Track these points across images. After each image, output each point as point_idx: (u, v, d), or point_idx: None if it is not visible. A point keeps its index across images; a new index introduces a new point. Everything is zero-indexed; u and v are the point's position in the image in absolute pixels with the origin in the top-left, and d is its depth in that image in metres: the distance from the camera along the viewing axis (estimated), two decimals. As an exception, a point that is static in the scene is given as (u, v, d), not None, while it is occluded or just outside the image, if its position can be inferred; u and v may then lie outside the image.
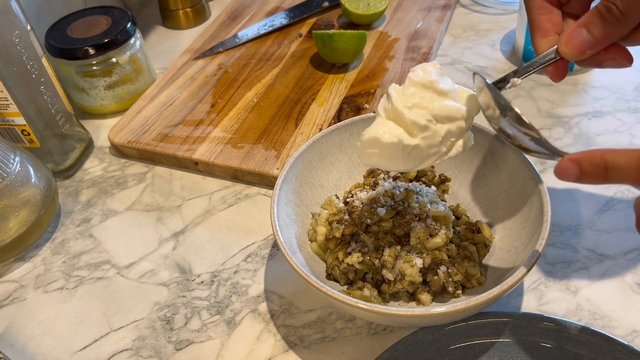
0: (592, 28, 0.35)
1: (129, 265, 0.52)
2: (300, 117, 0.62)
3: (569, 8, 0.40)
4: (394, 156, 0.39)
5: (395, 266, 0.43)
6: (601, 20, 0.35)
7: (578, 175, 0.32)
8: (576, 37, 0.36)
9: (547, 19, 0.39)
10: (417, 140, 0.38)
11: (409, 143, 0.38)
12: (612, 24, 0.35)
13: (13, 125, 0.56)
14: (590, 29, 0.35)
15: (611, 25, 0.35)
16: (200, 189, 0.59)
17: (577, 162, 0.32)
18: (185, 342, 0.46)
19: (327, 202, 0.50)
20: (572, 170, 0.32)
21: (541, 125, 0.60)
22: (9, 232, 0.51)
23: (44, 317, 0.49)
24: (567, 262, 0.48)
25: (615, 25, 0.35)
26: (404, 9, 0.77)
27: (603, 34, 0.35)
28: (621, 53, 0.37)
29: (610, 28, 0.35)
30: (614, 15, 0.34)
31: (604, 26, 0.35)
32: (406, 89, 0.39)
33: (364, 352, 0.44)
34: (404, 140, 0.38)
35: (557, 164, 0.33)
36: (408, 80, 0.39)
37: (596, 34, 0.35)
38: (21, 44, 0.52)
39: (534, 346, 0.41)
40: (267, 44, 0.74)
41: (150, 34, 0.83)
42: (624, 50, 0.37)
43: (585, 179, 0.32)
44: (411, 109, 0.38)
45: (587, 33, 0.36)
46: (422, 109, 0.38)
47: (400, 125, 0.39)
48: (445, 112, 0.38)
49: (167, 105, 0.66)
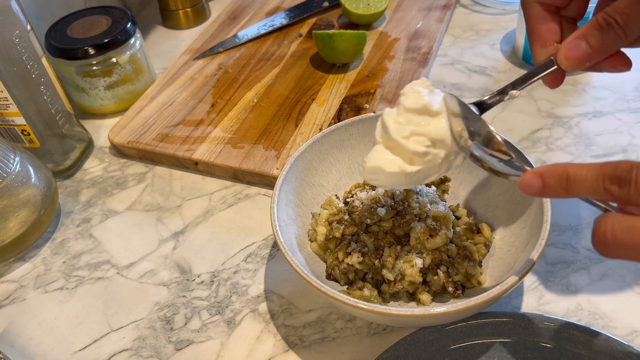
0: (591, 40, 0.35)
1: (129, 265, 0.52)
2: (300, 117, 0.62)
3: (566, 12, 0.40)
4: (397, 180, 0.40)
5: (395, 266, 0.43)
6: (600, 33, 0.35)
7: (541, 187, 0.31)
8: (575, 49, 0.36)
9: (546, 29, 0.39)
10: (419, 166, 0.39)
11: (411, 170, 0.39)
12: (612, 37, 0.34)
13: (13, 125, 0.56)
14: (589, 41, 0.35)
15: (610, 38, 0.35)
16: (200, 189, 0.59)
17: (540, 175, 0.31)
18: (185, 342, 0.46)
19: (327, 202, 0.50)
20: (535, 182, 0.31)
21: (541, 125, 0.60)
22: (9, 232, 0.51)
23: (44, 317, 0.49)
24: (567, 262, 0.48)
25: (615, 40, 0.35)
26: (404, 9, 0.77)
27: (602, 46, 0.35)
28: (620, 59, 0.37)
29: (609, 41, 0.35)
30: (614, 29, 0.34)
31: (603, 39, 0.35)
32: (400, 116, 0.39)
33: (364, 352, 0.44)
34: (406, 169, 0.39)
35: (520, 177, 0.33)
36: (401, 106, 0.39)
37: (595, 47, 0.35)
38: (21, 44, 0.52)
39: (534, 346, 0.41)
40: (267, 44, 0.74)
41: (150, 34, 0.83)
42: (623, 56, 0.37)
43: (547, 191, 0.31)
44: (409, 138, 0.38)
45: (586, 45, 0.35)
46: (419, 136, 0.38)
47: (400, 154, 0.39)
48: (442, 136, 0.38)
49: (167, 105, 0.66)
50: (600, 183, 0.29)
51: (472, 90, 0.65)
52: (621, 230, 0.27)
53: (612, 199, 0.28)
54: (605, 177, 0.28)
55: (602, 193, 0.29)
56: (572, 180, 0.30)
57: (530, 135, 0.59)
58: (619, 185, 0.28)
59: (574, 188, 0.30)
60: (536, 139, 0.59)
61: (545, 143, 0.58)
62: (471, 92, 0.65)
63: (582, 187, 0.29)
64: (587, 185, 0.29)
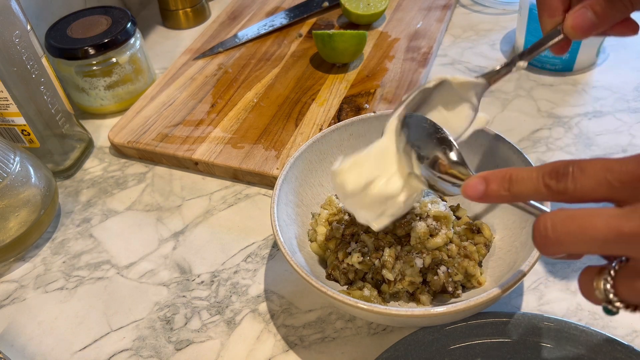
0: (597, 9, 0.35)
1: (129, 265, 0.52)
2: (300, 117, 0.62)
3: None
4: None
5: (395, 266, 0.43)
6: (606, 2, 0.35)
7: (484, 190, 0.31)
8: (581, 18, 0.36)
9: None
10: (387, 219, 0.40)
11: (381, 224, 0.40)
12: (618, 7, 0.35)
13: (13, 125, 0.56)
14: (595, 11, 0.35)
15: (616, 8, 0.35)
16: (200, 189, 0.59)
17: (484, 178, 0.32)
18: (185, 342, 0.46)
19: (327, 202, 0.50)
20: (479, 185, 0.32)
21: (541, 125, 0.60)
22: (9, 232, 0.51)
23: (44, 317, 0.49)
24: (567, 262, 0.48)
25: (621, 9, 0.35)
26: (404, 9, 0.77)
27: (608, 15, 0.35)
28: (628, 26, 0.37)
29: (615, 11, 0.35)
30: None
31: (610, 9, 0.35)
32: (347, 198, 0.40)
33: (364, 352, 0.44)
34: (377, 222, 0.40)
35: (464, 181, 0.33)
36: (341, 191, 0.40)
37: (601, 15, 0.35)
38: (21, 44, 0.52)
39: (534, 346, 0.40)
40: (267, 44, 0.74)
41: (150, 34, 0.83)
42: (631, 23, 0.37)
43: (490, 193, 0.31)
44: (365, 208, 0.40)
45: (592, 14, 0.35)
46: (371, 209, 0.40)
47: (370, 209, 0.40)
48: (396, 190, 0.39)
49: (167, 105, 0.66)
50: (540, 179, 0.29)
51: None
52: (561, 221, 0.28)
53: (551, 194, 0.29)
54: (545, 173, 0.29)
55: (542, 188, 0.29)
56: (514, 180, 0.30)
57: (530, 135, 0.59)
58: (557, 179, 0.28)
59: (515, 188, 0.30)
60: (536, 139, 0.59)
61: (545, 143, 0.58)
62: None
63: (524, 186, 0.30)
64: (528, 183, 0.30)
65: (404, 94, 0.63)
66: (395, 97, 0.63)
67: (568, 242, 0.28)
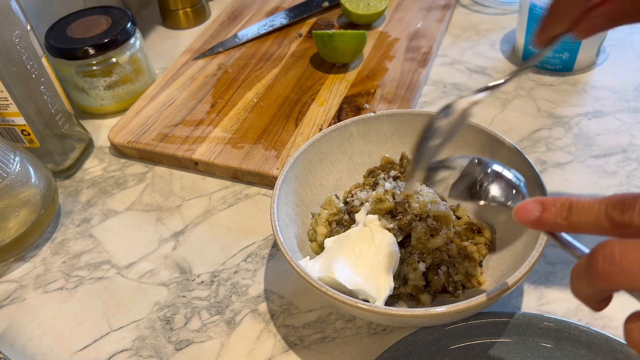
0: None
1: (128, 265, 0.52)
2: (300, 117, 0.62)
3: None
4: None
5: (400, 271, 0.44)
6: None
7: (539, 216, 0.30)
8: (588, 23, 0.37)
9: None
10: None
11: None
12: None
13: (13, 125, 0.56)
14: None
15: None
16: (200, 189, 0.59)
17: (541, 204, 0.30)
18: (185, 342, 0.46)
19: (327, 202, 0.49)
20: (535, 211, 0.30)
21: (541, 125, 0.60)
22: (9, 232, 0.51)
23: (44, 317, 0.49)
24: (567, 262, 0.48)
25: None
26: (404, 9, 0.77)
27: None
28: None
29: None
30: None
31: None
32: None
33: (364, 352, 0.44)
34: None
35: (519, 204, 0.31)
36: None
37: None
38: (21, 44, 0.52)
39: (534, 346, 0.40)
40: (267, 44, 0.74)
41: (150, 34, 0.83)
42: None
43: (545, 220, 0.30)
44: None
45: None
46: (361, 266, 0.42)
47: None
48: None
49: (167, 105, 0.66)
50: (602, 210, 0.27)
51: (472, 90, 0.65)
52: (632, 249, 0.25)
53: (613, 227, 0.27)
54: (609, 204, 0.27)
55: (603, 220, 0.27)
56: (574, 209, 0.28)
57: (530, 135, 0.59)
58: (621, 210, 0.26)
59: (575, 218, 0.28)
60: (536, 139, 0.59)
61: (545, 143, 0.58)
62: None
63: (584, 216, 0.28)
64: (590, 213, 0.28)
65: (404, 94, 0.63)
66: (395, 97, 0.63)
67: (636, 273, 0.25)
